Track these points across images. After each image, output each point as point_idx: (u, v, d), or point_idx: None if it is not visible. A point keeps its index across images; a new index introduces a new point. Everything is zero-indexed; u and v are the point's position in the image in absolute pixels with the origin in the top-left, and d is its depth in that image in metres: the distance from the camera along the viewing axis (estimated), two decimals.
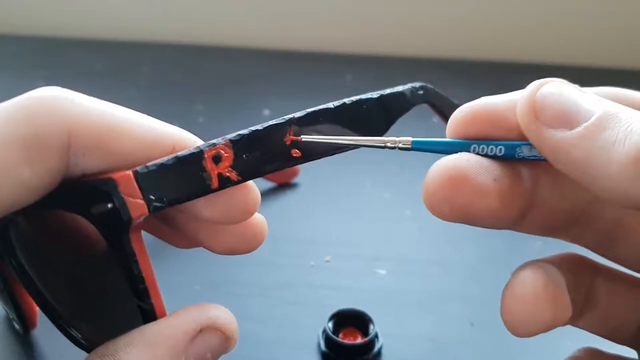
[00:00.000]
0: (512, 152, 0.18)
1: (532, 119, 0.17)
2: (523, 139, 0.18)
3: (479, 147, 0.18)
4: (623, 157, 0.15)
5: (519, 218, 0.19)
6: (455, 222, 0.18)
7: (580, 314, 0.21)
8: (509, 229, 0.19)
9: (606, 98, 0.17)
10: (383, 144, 0.19)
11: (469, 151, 0.18)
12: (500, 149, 0.18)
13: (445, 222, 0.18)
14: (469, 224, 0.18)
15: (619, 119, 0.16)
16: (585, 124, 0.16)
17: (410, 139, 0.19)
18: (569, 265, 0.20)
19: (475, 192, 0.17)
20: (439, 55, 0.61)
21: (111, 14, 0.64)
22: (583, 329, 0.22)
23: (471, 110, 0.19)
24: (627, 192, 0.15)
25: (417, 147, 0.19)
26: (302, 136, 0.19)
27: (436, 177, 0.17)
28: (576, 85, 0.18)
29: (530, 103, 0.17)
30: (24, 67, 0.59)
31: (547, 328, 0.18)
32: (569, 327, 0.20)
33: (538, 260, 0.19)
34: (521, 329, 0.18)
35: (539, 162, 0.18)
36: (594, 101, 0.16)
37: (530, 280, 0.18)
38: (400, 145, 0.19)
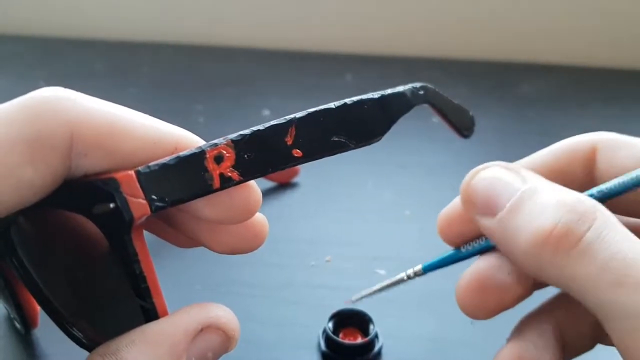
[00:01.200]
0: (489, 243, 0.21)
1: (469, 208, 0.20)
2: None
3: (467, 248, 0.22)
4: (523, 244, 0.18)
5: (530, 289, 0.22)
6: (490, 318, 0.21)
7: (600, 339, 0.22)
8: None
9: (558, 154, 0.21)
10: (404, 279, 0.23)
11: (461, 255, 0.22)
12: (483, 242, 0.21)
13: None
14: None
15: (532, 200, 0.18)
16: (500, 214, 0.19)
17: (420, 265, 0.22)
18: (565, 305, 0.22)
19: (501, 292, 0.21)
20: (439, 55, 0.61)
21: (111, 14, 0.64)
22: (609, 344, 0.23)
23: (445, 217, 0.22)
24: (534, 271, 0.18)
25: (427, 269, 0.22)
26: (353, 297, 0.24)
27: (465, 291, 0.21)
28: (506, 164, 0.20)
29: (465, 195, 0.20)
30: (24, 67, 0.58)
31: None
32: None
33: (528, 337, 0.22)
34: None
35: None
36: (516, 184, 0.19)
37: None
38: (414, 273, 0.23)
